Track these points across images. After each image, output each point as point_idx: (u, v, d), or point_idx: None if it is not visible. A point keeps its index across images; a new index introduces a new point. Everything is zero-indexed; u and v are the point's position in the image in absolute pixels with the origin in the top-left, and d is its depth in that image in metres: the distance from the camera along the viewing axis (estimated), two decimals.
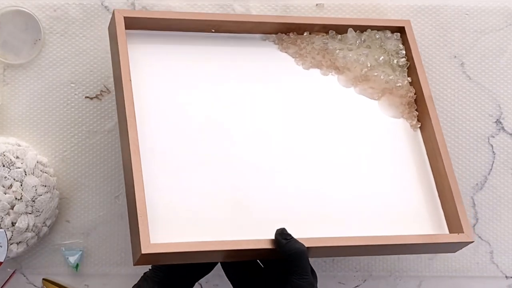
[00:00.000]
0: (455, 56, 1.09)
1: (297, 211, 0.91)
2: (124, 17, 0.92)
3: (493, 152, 1.08)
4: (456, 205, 0.94)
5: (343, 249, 0.89)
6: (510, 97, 1.09)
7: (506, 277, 1.07)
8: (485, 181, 1.07)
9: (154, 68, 0.94)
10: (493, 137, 1.08)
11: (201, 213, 0.87)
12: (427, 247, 0.93)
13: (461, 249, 0.96)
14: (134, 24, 0.93)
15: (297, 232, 0.85)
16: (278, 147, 0.94)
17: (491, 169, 1.07)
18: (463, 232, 0.92)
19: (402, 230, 0.92)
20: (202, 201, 0.88)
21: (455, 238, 0.92)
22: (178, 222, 0.85)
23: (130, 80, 0.88)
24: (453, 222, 0.94)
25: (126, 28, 0.91)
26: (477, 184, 1.07)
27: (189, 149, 0.90)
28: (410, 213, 0.95)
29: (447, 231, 0.95)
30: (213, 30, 0.98)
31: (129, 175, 0.85)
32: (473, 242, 0.93)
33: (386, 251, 0.94)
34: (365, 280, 1.05)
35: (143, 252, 0.79)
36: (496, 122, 1.08)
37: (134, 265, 0.83)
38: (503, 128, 1.08)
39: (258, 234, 0.85)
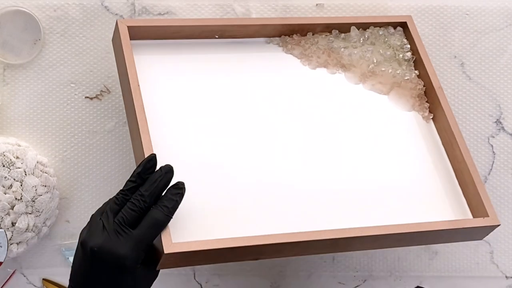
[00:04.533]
0: (455, 56, 1.09)
1: (320, 205, 0.90)
2: (128, 26, 0.91)
3: (493, 152, 1.08)
4: (478, 189, 0.92)
5: (368, 239, 0.88)
6: (510, 97, 1.09)
7: (506, 277, 1.07)
8: (485, 181, 1.07)
9: (159, 77, 0.93)
10: (493, 137, 1.08)
11: (218, 212, 0.86)
12: (452, 234, 0.92)
13: (487, 235, 0.93)
14: (138, 34, 0.93)
15: (321, 225, 0.85)
16: (294, 147, 0.93)
17: (491, 169, 1.07)
18: (488, 216, 0.91)
19: (425, 220, 0.91)
20: (218, 201, 0.87)
21: (481, 222, 0.91)
22: (195, 222, 0.84)
23: (139, 85, 0.87)
24: (477, 207, 0.93)
25: (130, 38, 0.91)
26: None
27: (202, 153, 0.90)
28: (433, 202, 0.94)
29: (471, 218, 0.94)
30: (217, 36, 0.98)
31: None
32: (499, 225, 0.91)
33: (412, 241, 0.92)
34: (365, 280, 1.05)
35: (165, 252, 0.78)
36: (496, 122, 1.08)
37: (158, 269, 0.82)
38: (503, 128, 1.08)
39: (277, 230, 0.85)
